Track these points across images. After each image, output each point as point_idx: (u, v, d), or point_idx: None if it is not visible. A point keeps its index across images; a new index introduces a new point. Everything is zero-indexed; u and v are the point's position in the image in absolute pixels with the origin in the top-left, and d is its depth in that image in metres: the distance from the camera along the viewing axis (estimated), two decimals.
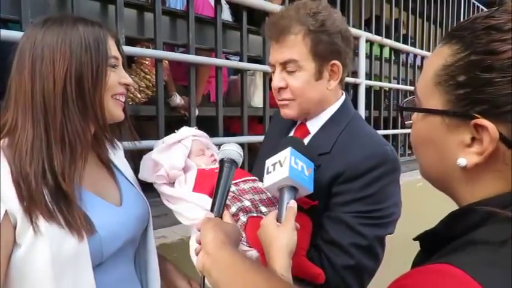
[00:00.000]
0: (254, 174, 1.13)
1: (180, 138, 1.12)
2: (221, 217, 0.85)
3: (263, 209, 0.95)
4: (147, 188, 1.17)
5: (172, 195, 1.03)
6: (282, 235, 0.80)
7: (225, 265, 0.70)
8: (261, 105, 2.30)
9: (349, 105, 1.11)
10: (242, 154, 0.92)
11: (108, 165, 0.98)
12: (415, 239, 0.64)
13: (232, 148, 0.91)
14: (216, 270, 0.70)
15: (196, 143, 1.13)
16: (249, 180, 1.03)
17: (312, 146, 0.99)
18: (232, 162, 0.90)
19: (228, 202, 0.96)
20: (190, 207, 0.99)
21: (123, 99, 0.93)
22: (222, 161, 0.91)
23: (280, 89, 1.03)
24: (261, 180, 1.05)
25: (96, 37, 0.86)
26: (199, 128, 1.22)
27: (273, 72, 1.05)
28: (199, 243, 0.77)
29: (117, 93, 0.91)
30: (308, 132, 1.08)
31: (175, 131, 1.17)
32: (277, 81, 1.03)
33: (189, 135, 1.13)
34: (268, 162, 0.92)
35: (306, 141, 1.05)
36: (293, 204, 0.85)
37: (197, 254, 0.77)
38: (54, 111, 0.82)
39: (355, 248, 0.93)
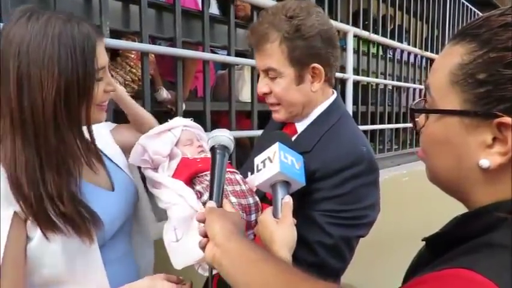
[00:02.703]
0: (244, 170, 1.14)
1: (170, 127, 1.14)
2: (221, 205, 0.84)
3: (233, 199, 0.97)
4: None
5: (153, 178, 1.07)
6: (283, 231, 0.81)
7: (236, 256, 0.69)
8: (249, 100, 2.30)
9: (339, 105, 1.11)
10: (233, 139, 0.91)
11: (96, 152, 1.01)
12: (423, 240, 0.63)
13: (222, 134, 0.89)
14: (227, 262, 0.69)
15: (186, 133, 1.16)
16: (227, 171, 1.03)
17: (296, 144, 0.99)
18: (224, 148, 0.89)
19: (201, 189, 1.00)
20: (166, 191, 1.02)
21: (106, 102, 0.93)
22: (213, 149, 0.89)
23: (265, 94, 1.06)
24: (244, 174, 1.08)
25: (83, 49, 0.81)
26: None
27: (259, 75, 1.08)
28: (204, 236, 0.77)
29: (102, 101, 0.91)
30: (296, 131, 1.09)
31: (168, 120, 1.19)
32: (261, 86, 1.06)
33: (180, 125, 1.16)
34: (257, 159, 0.92)
35: (292, 139, 1.04)
36: (288, 199, 0.85)
37: (202, 247, 0.77)
38: (46, 135, 0.80)
39: (320, 246, 0.93)
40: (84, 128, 0.91)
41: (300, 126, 1.09)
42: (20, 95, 0.77)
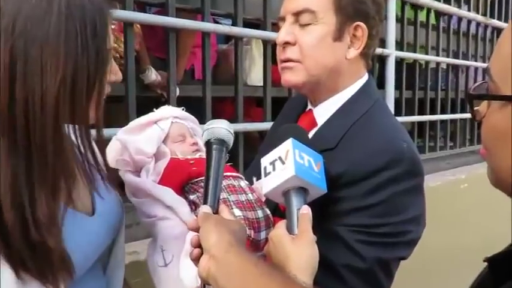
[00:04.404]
0: (249, 174, 1.16)
1: (156, 119, 1.15)
2: (217, 211, 0.87)
3: (237, 212, 0.98)
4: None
5: (134, 184, 1.07)
6: (301, 251, 0.81)
7: (234, 270, 0.73)
8: (260, 84, 2.30)
9: (372, 90, 1.12)
10: (232, 132, 0.93)
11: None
12: (485, 261, 0.64)
13: (219, 126, 0.91)
14: (224, 276, 0.73)
15: (177, 126, 1.17)
16: (228, 176, 1.06)
17: (317, 140, 1.00)
18: (222, 143, 0.91)
19: (196, 199, 1.02)
20: (151, 201, 1.03)
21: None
22: (208, 143, 0.91)
23: (286, 44, 1.05)
24: (249, 180, 1.09)
25: (94, 25, 0.78)
26: None
27: (281, 27, 1.07)
28: (196, 246, 0.80)
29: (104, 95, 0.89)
30: (315, 123, 1.09)
31: (154, 110, 1.19)
32: (284, 35, 1.05)
33: (168, 116, 1.16)
34: (265, 160, 0.92)
35: (311, 134, 1.06)
36: (307, 210, 0.85)
37: (194, 259, 0.81)
38: (42, 140, 0.75)
39: (350, 270, 0.93)
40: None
41: (321, 117, 1.09)
42: (12, 83, 0.72)
